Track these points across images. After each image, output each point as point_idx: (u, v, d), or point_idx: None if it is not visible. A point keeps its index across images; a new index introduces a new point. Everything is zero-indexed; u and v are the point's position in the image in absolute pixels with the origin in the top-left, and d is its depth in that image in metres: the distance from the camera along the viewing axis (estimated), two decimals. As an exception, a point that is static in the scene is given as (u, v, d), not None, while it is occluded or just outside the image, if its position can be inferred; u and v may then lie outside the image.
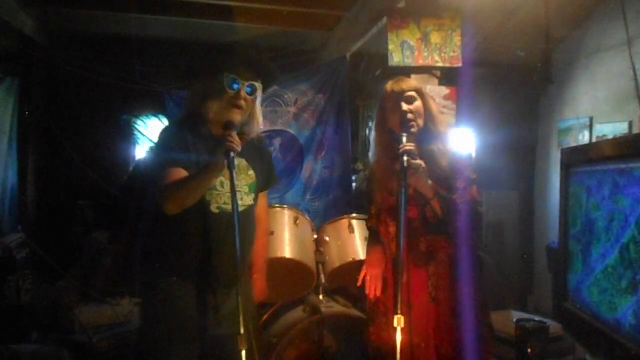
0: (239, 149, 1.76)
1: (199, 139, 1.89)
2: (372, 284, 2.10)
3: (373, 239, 2.21)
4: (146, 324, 1.99)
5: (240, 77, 1.87)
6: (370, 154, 2.24)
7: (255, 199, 2.02)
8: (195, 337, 1.86)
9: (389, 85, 2.09)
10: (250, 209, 1.99)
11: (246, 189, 1.97)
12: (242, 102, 1.88)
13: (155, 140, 1.96)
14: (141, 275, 2.00)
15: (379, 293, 2.09)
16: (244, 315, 1.67)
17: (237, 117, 1.87)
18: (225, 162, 1.73)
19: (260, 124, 2.01)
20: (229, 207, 1.87)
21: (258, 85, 1.93)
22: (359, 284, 2.16)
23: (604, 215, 1.82)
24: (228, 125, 1.81)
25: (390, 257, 2.11)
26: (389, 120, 2.09)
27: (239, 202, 1.85)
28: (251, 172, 2.00)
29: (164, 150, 1.90)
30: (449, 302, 2.00)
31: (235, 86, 1.86)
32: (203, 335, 1.86)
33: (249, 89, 1.89)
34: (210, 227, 1.86)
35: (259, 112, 1.99)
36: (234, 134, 1.77)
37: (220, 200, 1.89)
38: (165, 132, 1.99)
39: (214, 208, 1.87)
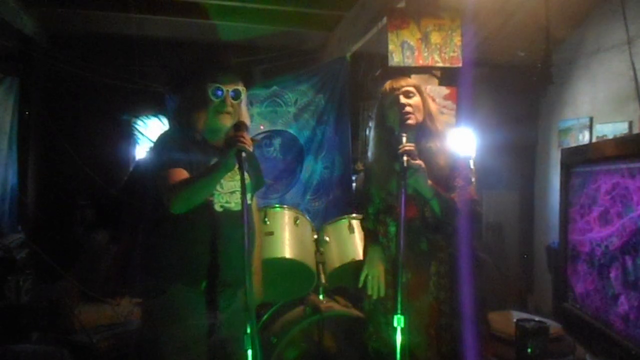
0: (251, 148, 1.76)
1: (193, 145, 1.93)
2: (375, 284, 2.10)
3: (371, 239, 2.21)
4: (149, 330, 1.97)
5: (223, 84, 1.92)
6: (369, 152, 2.25)
7: (252, 199, 2.07)
8: (201, 341, 1.85)
9: (388, 84, 2.13)
10: (249, 208, 2.00)
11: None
12: (230, 108, 1.93)
13: (153, 145, 2.04)
14: (144, 280, 1.97)
15: (382, 293, 2.09)
16: (252, 314, 1.64)
17: (227, 122, 1.93)
18: (236, 161, 1.74)
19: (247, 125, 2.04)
20: (231, 205, 1.92)
21: (241, 89, 1.97)
22: (360, 285, 2.15)
23: (604, 215, 1.82)
24: (239, 126, 1.82)
25: (389, 257, 2.11)
26: (388, 117, 2.11)
27: (237, 202, 1.90)
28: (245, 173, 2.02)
29: (163, 152, 1.92)
30: (451, 301, 2.00)
31: (219, 93, 1.91)
32: (209, 339, 1.86)
33: (232, 94, 1.93)
34: (216, 225, 1.89)
35: (246, 113, 2.04)
36: (246, 133, 1.78)
37: (222, 199, 1.91)
38: (162, 137, 2.03)
39: (217, 207, 1.90)
